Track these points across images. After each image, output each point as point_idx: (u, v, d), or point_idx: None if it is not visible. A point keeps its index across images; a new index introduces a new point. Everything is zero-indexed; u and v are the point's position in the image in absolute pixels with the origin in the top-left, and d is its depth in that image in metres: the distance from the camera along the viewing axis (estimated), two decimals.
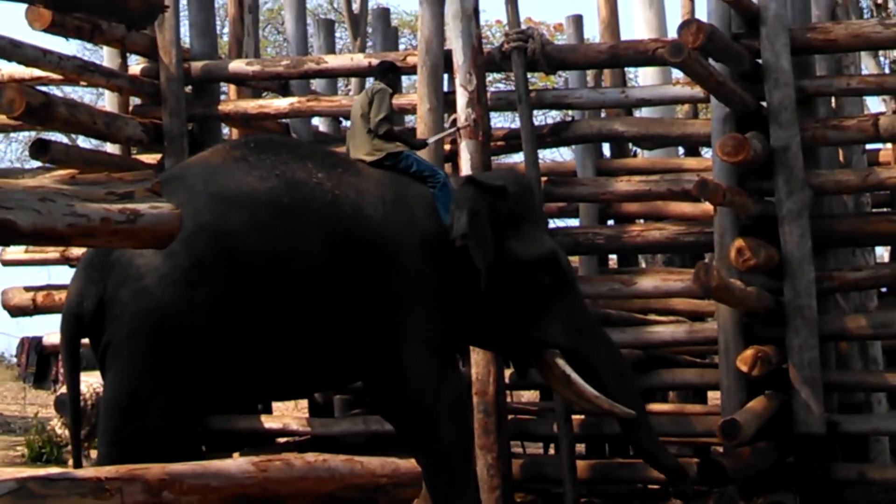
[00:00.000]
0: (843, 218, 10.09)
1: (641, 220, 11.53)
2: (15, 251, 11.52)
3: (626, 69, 12.75)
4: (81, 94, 24.59)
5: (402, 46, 17.35)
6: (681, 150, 12.76)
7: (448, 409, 8.01)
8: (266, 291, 7.37)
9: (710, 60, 8.95)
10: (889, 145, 11.95)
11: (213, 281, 7.20)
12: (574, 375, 8.22)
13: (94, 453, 10.86)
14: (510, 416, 10.11)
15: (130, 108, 11.23)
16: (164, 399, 7.10)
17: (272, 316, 7.40)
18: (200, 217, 7.28)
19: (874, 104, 16.42)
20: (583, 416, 10.11)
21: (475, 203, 8.07)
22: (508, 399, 10.20)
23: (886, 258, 13.34)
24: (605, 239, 10.30)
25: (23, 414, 19.16)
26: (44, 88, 9.94)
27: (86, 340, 7.43)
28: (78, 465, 7.41)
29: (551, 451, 11.59)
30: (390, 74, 8.93)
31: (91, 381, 10.58)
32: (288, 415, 13.04)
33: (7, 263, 11.82)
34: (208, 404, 7.72)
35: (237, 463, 3.99)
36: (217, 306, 7.20)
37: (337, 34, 17.67)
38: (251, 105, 11.31)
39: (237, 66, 11.26)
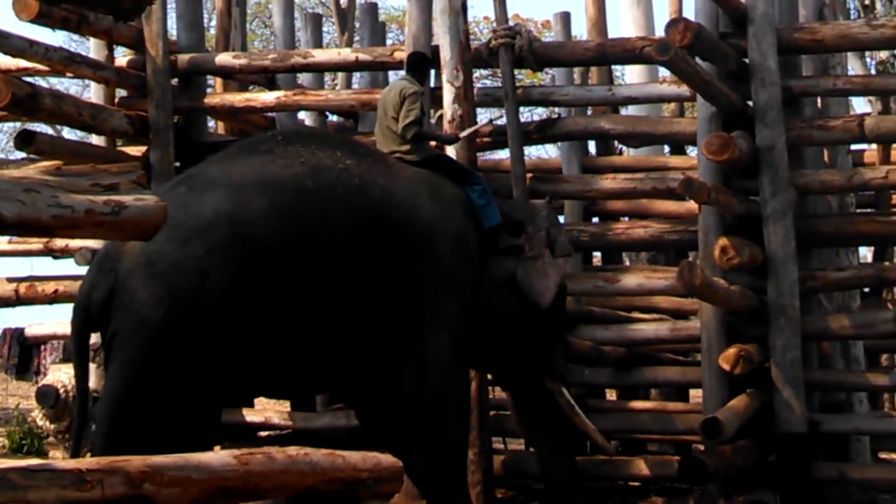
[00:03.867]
0: (828, 218, 10.10)
1: (626, 218, 11.55)
2: None
3: (612, 67, 12.76)
4: (67, 85, 24.57)
5: (389, 42, 17.31)
6: (666, 148, 12.78)
7: (457, 404, 8.05)
8: (287, 277, 7.14)
9: (697, 59, 8.95)
10: (874, 146, 11.99)
11: (227, 270, 6.95)
12: (577, 407, 8.35)
13: None
14: (491, 412, 10.11)
15: (116, 100, 11.19)
16: (167, 393, 6.85)
17: (293, 302, 7.17)
18: (219, 205, 7.10)
19: (860, 105, 16.47)
20: None
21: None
22: (490, 395, 10.21)
23: (870, 258, 13.40)
24: (589, 236, 10.31)
25: (4, 405, 19.11)
26: (29, 79, 9.91)
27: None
28: (76, 456, 7.12)
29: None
30: (423, 68, 8.88)
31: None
32: (270, 408, 12.99)
33: None
34: (219, 399, 7.39)
35: (219, 456, 3.99)
36: (230, 296, 6.95)
37: (324, 28, 17.65)
38: (237, 98, 11.29)
39: (224, 59, 11.24)
